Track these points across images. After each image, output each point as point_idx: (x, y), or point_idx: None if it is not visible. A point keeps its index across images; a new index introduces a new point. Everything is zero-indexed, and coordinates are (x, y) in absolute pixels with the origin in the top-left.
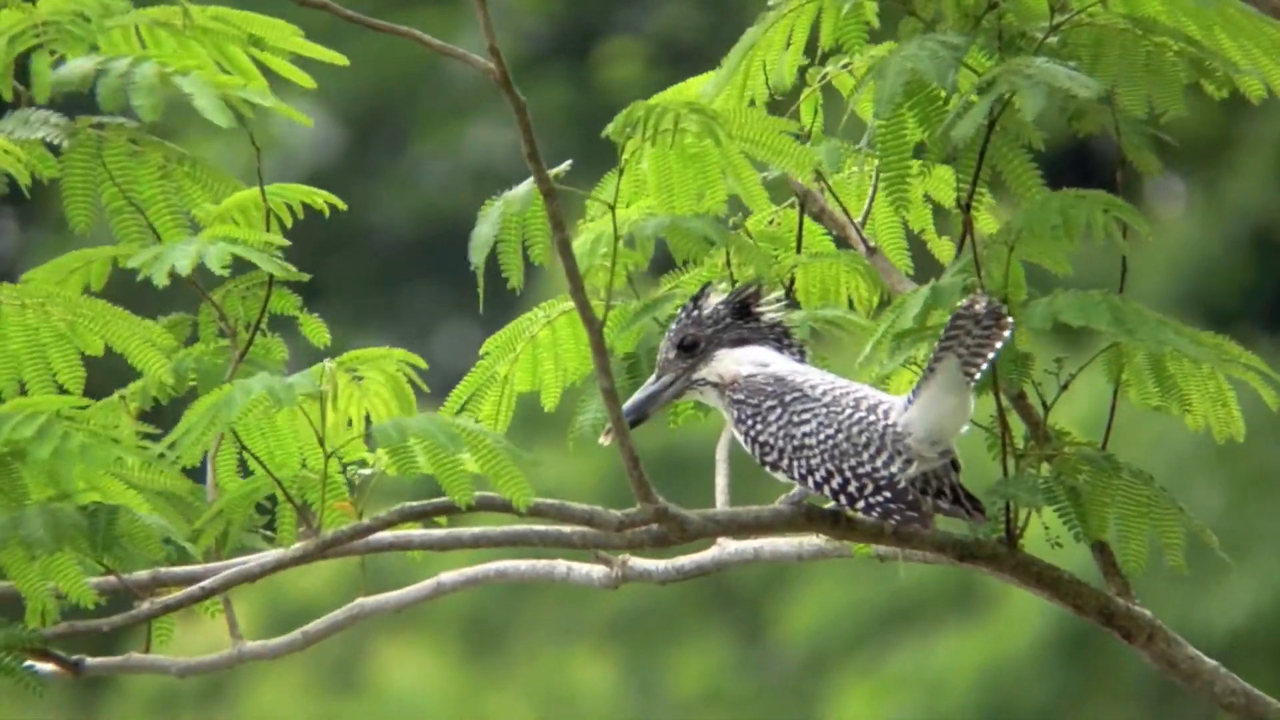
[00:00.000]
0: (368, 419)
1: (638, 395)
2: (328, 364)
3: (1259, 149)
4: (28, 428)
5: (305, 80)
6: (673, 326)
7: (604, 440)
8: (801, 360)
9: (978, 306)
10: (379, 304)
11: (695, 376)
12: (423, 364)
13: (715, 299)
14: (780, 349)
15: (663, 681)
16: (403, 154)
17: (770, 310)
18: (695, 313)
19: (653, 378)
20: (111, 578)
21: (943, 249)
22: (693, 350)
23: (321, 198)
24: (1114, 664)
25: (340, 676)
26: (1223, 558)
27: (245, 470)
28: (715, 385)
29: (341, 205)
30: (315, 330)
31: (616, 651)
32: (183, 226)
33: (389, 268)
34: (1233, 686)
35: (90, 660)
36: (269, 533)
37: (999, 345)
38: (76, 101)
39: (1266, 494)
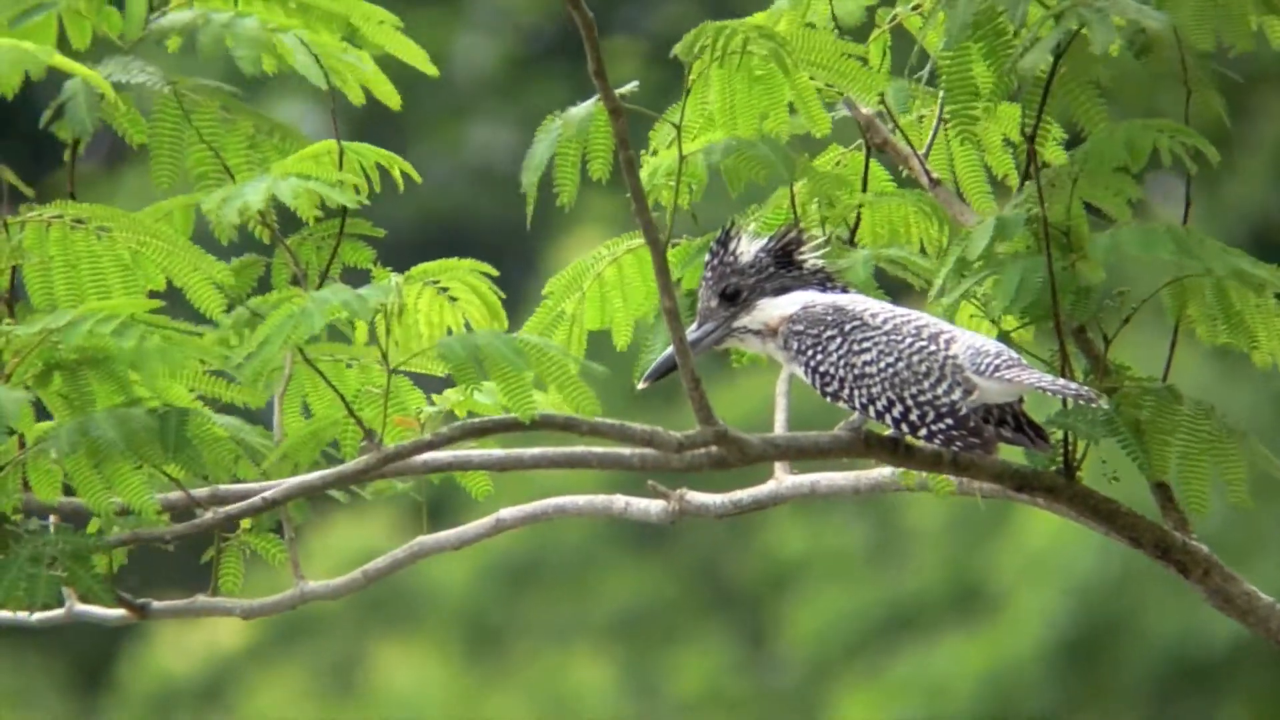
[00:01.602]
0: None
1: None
2: (395, 278)
3: (1259, 150)
4: (106, 326)
5: (389, 88)
6: (706, 271)
7: (642, 384)
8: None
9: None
10: None
11: (736, 325)
12: (494, 271)
13: (747, 241)
14: (824, 292)
15: (663, 683)
16: (403, 154)
17: (812, 256)
18: (723, 254)
19: (694, 324)
20: (172, 495)
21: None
22: (735, 299)
23: (400, 164)
24: (1115, 668)
25: (340, 678)
26: None
27: (310, 416)
28: (757, 333)
29: (417, 177)
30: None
31: (616, 652)
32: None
33: (389, 267)
34: None
35: (156, 604)
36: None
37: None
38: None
39: (1271, 498)
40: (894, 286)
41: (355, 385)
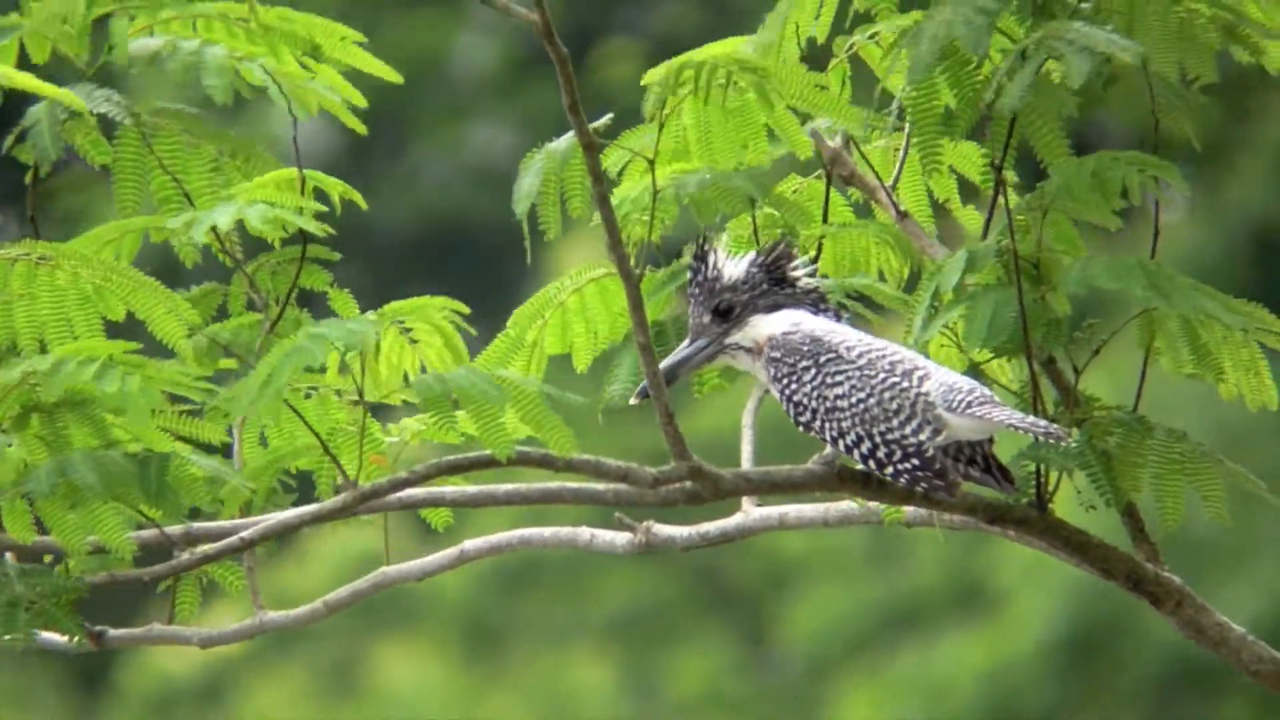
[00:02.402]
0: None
1: (670, 358)
2: (371, 316)
3: (1259, 152)
4: (87, 370)
5: (357, 98)
6: (692, 288)
7: (633, 400)
8: (838, 322)
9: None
10: (379, 304)
11: (728, 341)
12: (466, 309)
13: (725, 257)
14: (816, 313)
15: (662, 683)
16: (403, 154)
17: (805, 275)
18: (705, 270)
19: (686, 341)
20: (145, 532)
21: (968, 217)
22: (727, 315)
23: (340, 188)
24: (1116, 668)
25: (339, 679)
26: (1275, 503)
27: (266, 445)
28: (748, 350)
29: (363, 204)
30: (345, 306)
31: (616, 653)
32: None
33: (389, 268)
34: (1260, 654)
35: (113, 631)
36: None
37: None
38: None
39: (1268, 502)
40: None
41: (312, 413)
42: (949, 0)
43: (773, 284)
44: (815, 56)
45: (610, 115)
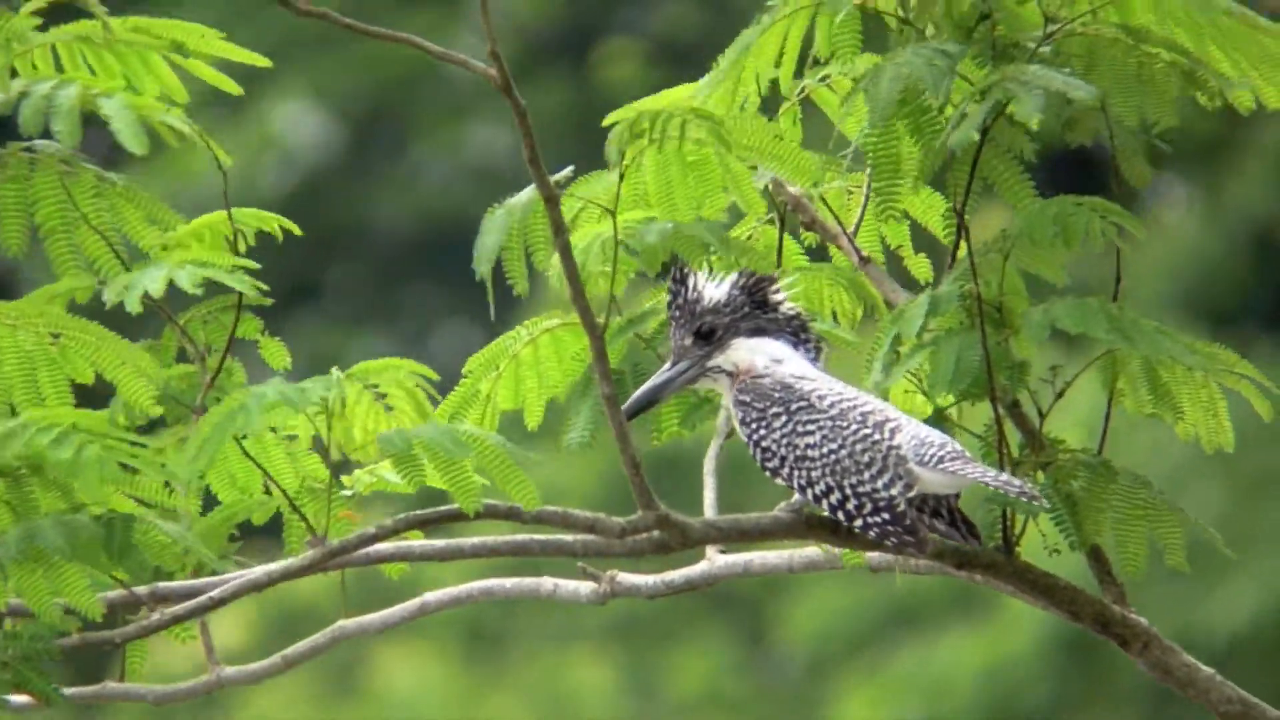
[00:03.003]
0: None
1: (652, 380)
2: (336, 373)
3: (1260, 151)
4: (45, 436)
5: (231, 86)
6: (673, 310)
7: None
8: (816, 358)
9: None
10: (379, 304)
11: (710, 364)
12: (432, 374)
13: (704, 279)
14: (796, 344)
15: (662, 684)
16: (403, 154)
17: (789, 302)
18: (684, 292)
19: (668, 364)
20: (113, 594)
21: (919, 266)
22: (710, 338)
23: (277, 222)
24: (1114, 667)
25: (339, 680)
26: (1227, 554)
27: (207, 501)
28: (729, 374)
29: (298, 231)
30: (275, 354)
31: (615, 654)
32: (120, 245)
33: (389, 268)
34: (1229, 694)
35: (66, 690)
36: (241, 559)
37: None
38: None
39: (1267, 497)
40: None
41: (281, 466)
42: (909, 45)
43: (755, 307)
44: (769, 101)
45: (571, 167)
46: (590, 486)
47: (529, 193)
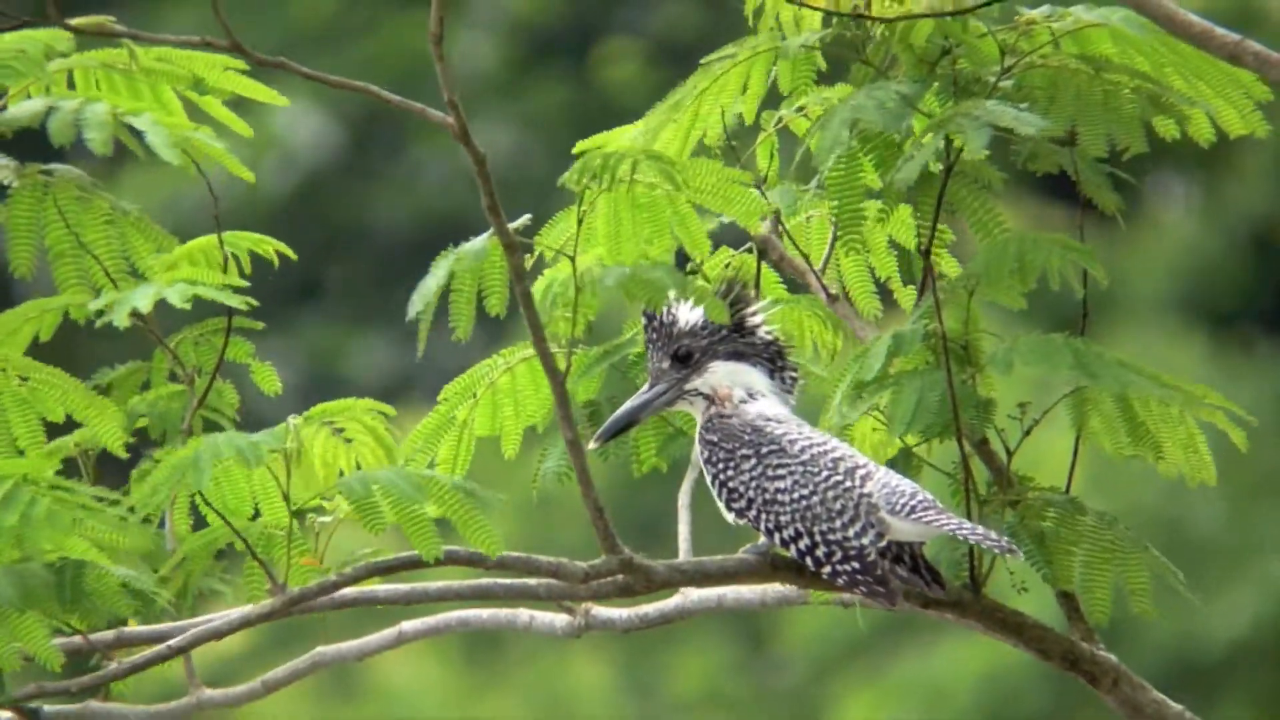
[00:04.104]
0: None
1: (630, 403)
2: (292, 420)
3: (1259, 151)
4: None
5: (243, 128)
6: (649, 333)
7: (592, 445)
8: (791, 389)
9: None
10: (379, 304)
11: (688, 387)
12: (391, 411)
13: (686, 307)
14: (772, 373)
15: (661, 683)
16: (402, 154)
17: (765, 328)
18: (659, 315)
19: (645, 386)
20: (75, 638)
21: (907, 298)
22: (687, 361)
23: (271, 245)
24: None
25: (339, 680)
26: (1190, 599)
27: (197, 513)
28: (707, 397)
29: (292, 255)
30: (266, 378)
31: (615, 654)
32: (125, 273)
33: (389, 268)
34: None
35: (49, 708)
36: (227, 576)
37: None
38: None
39: (1268, 502)
40: None
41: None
42: (865, 83)
43: (733, 331)
44: (739, 132)
45: (529, 215)
46: (576, 507)
47: (483, 239)
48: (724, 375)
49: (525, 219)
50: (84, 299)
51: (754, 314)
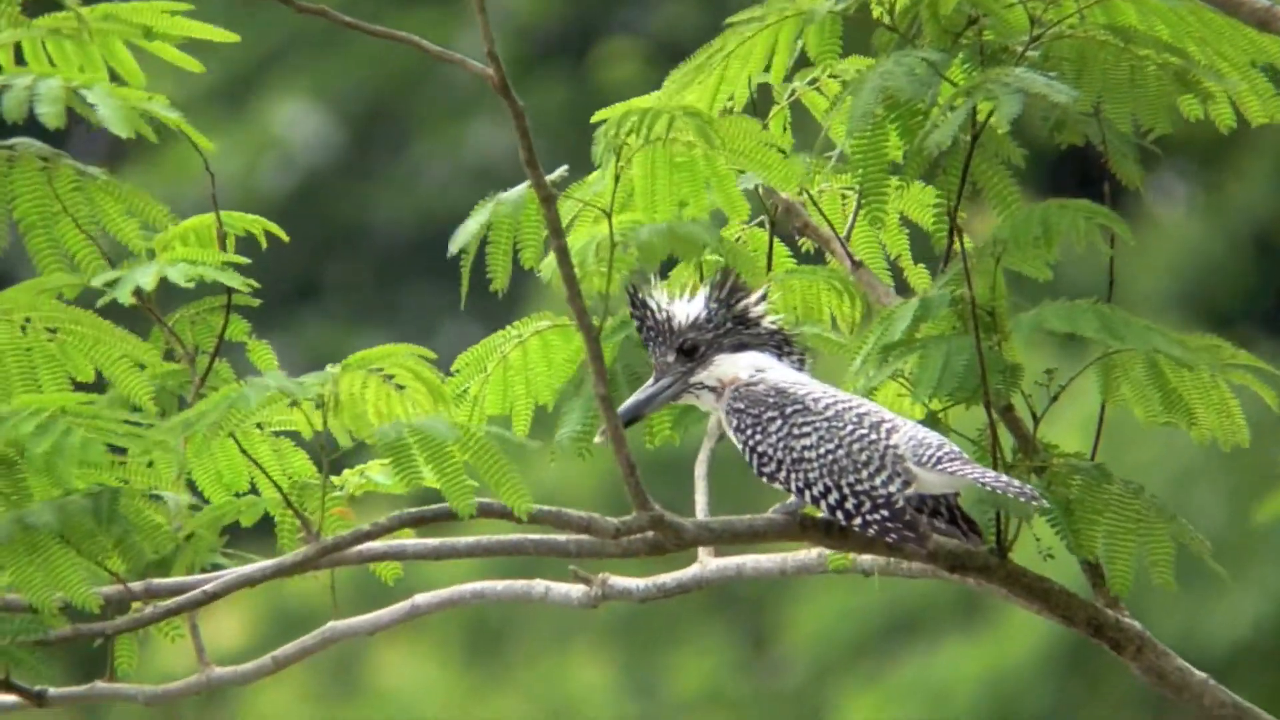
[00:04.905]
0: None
1: (635, 396)
2: (331, 369)
3: (1260, 150)
4: (27, 425)
5: (194, 64)
6: (644, 333)
7: (597, 439)
8: (801, 368)
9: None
10: (379, 304)
11: (693, 380)
12: (431, 354)
13: (683, 300)
14: (780, 356)
15: (663, 683)
16: (403, 154)
17: (770, 316)
18: (648, 315)
19: (651, 380)
20: (108, 588)
21: (918, 276)
22: (692, 354)
23: (264, 226)
24: (1114, 673)
25: (340, 680)
26: (1217, 570)
27: (196, 493)
28: (712, 390)
29: (284, 237)
30: (263, 357)
31: (616, 654)
32: (98, 239)
33: (389, 268)
34: (1222, 699)
35: (54, 690)
36: (230, 550)
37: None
38: None
39: (1270, 501)
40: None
41: (273, 461)
42: (892, 53)
43: (737, 323)
44: (750, 105)
45: (566, 167)
46: (585, 490)
47: (522, 189)
48: (729, 367)
49: (562, 170)
50: (75, 279)
51: (757, 304)
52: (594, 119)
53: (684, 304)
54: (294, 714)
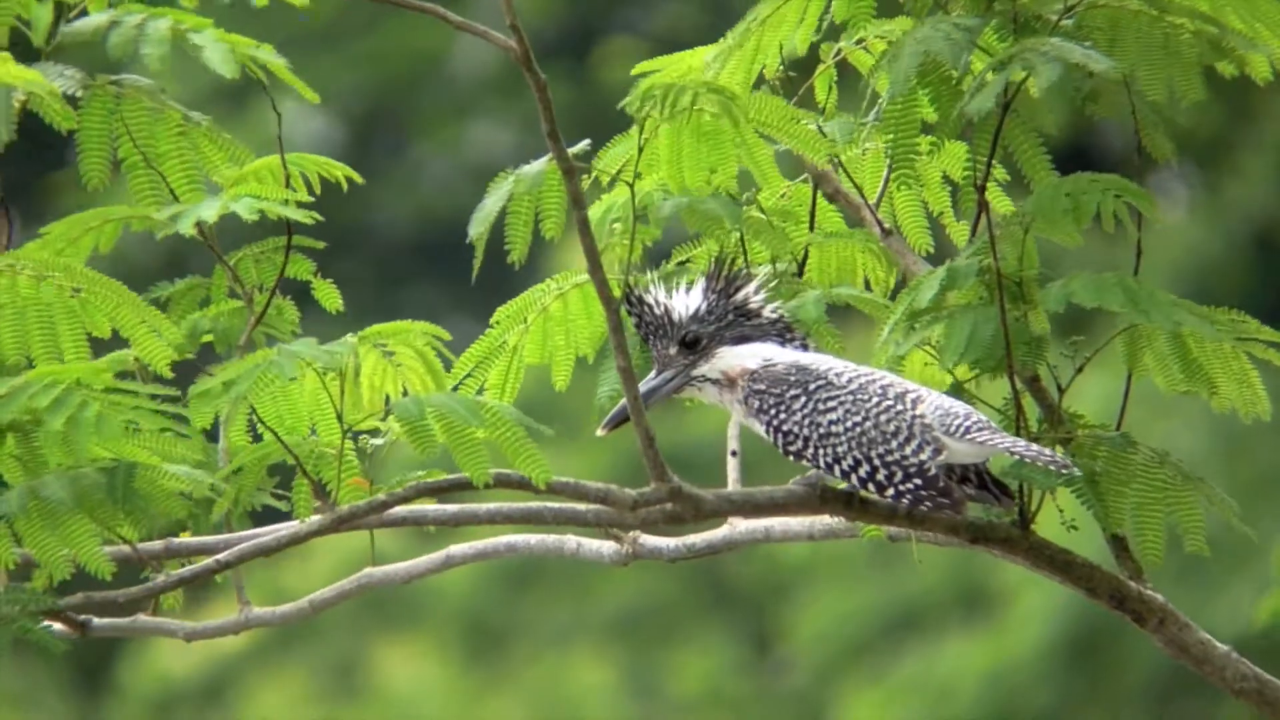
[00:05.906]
0: (387, 398)
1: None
2: (350, 338)
3: (1261, 150)
4: (44, 397)
5: (309, 94)
6: (642, 329)
7: (600, 432)
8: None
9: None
10: (379, 303)
11: (695, 373)
12: (446, 335)
13: (681, 293)
14: (783, 344)
15: (664, 683)
16: (403, 154)
17: (771, 305)
18: (645, 311)
19: (653, 372)
20: (125, 548)
21: (959, 232)
22: (694, 347)
23: (340, 170)
24: (1118, 668)
25: (341, 680)
26: (1246, 532)
27: (255, 433)
28: (715, 382)
29: (359, 179)
30: (328, 295)
31: (617, 653)
32: (198, 185)
33: (389, 268)
34: (1244, 671)
35: (98, 620)
36: (281, 491)
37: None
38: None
39: (1270, 501)
40: (841, 314)
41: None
42: (926, 15)
43: (738, 315)
44: (798, 63)
45: (588, 140)
46: (604, 465)
47: (542, 163)
48: (733, 359)
49: (584, 144)
50: (148, 210)
51: (755, 292)
52: (635, 71)
53: (682, 296)
54: (294, 714)
